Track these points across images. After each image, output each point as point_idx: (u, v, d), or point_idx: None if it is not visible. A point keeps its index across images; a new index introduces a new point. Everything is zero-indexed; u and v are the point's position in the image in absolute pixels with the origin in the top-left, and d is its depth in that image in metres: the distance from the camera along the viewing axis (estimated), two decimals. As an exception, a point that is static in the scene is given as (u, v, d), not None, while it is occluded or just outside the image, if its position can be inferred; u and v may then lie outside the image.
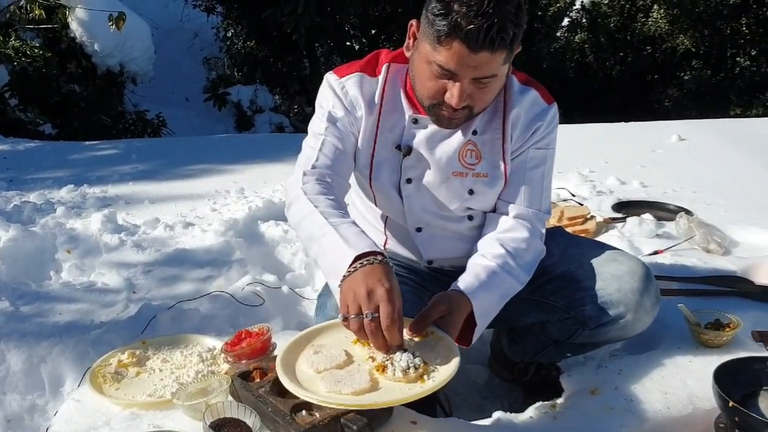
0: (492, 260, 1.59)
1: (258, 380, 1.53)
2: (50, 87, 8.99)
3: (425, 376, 1.31)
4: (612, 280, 1.69)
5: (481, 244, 1.67)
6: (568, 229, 2.68)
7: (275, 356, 1.66)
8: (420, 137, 1.64)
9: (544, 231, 1.73)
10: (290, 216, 1.58)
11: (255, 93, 11.57)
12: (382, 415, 1.45)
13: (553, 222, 3.02)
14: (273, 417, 1.39)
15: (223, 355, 1.73)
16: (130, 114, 10.23)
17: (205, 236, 3.01)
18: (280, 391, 1.49)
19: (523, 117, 1.64)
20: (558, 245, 1.79)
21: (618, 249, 1.81)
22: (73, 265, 2.70)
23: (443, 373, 1.31)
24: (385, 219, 1.80)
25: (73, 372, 1.93)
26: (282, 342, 1.77)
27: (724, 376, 1.47)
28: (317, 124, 1.67)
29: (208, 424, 1.40)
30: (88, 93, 9.37)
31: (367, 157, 1.68)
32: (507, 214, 1.70)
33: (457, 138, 1.64)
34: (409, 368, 1.31)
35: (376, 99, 1.64)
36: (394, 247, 1.83)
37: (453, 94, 1.45)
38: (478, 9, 1.34)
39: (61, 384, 1.93)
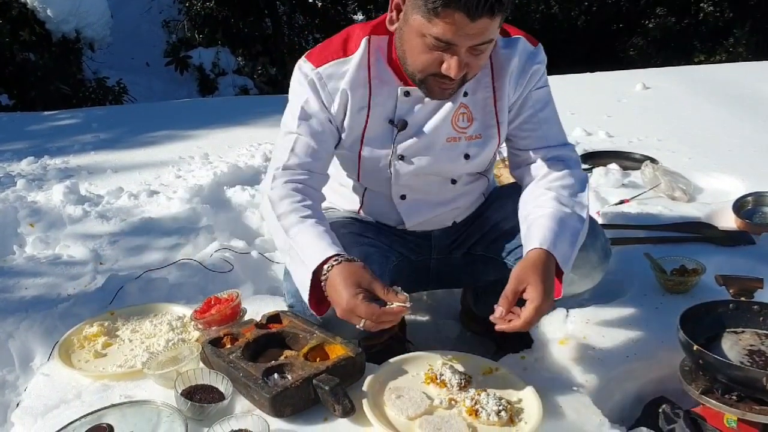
0: (549, 206, 1.55)
1: (229, 346, 1.53)
2: (3, 56, 8.69)
3: (514, 417, 1.34)
4: None
5: (529, 196, 1.64)
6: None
7: (246, 321, 1.65)
8: (413, 109, 1.59)
9: (578, 157, 1.72)
10: (266, 222, 1.59)
11: (217, 55, 11.32)
12: (354, 375, 1.46)
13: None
14: (245, 382, 1.39)
15: (193, 322, 1.72)
16: (89, 81, 9.96)
17: (171, 204, 2.96)
18: (251, 356, 1.50)
19: (517, 67, 1.60)
20: (514, 202, 1.75)
21: None
22: (37, 238, 2.64)
23: (532, 411, 1.35)
24: (364, 189, 1.77)
25: (42, 346, 1.91)
26: (252, 308, 1.77)
27: (688, 321, 1.50)
28: (289, 121, 1.61)
29: (179, 392, 1.39)
30: (44, 61, 9.07)
31: (357, 134, 1.63)
32: (542, 159, 1.67)
33: (450, 103, 1.59)
34: (500, 411, 1.33)
35: (362, 78, 1.57)
36: (369, 212, 1.80)
37: (451, 65, 1.40)
38: None
39: (31, 359, 1.90)
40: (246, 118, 5.20)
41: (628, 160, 3.35)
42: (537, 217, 1.54)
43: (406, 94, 1.58)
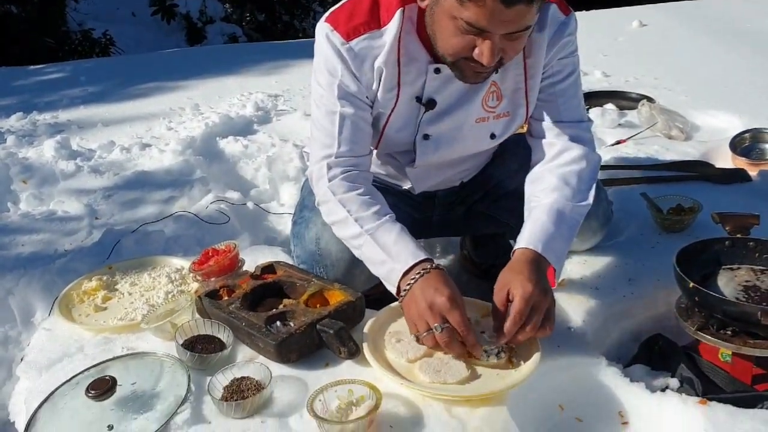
0: (551, 197, 1.48)
1: (226, 298, 1.53)
2: (-16, 10, 8.49)
3: (513, 358, 1.34)
4: None
5: (536, 177, 1.56)
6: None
7: (241, 273, 1.66)
8: (443, 88, 1.49)
9: (592, 138, 1.62)
10: (323, 214, 1.55)
11: (204, 2, 11.05)
12: (355, 319, 1.47)
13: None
14: (248, 331, 1.40)
15: (191, 274, 1.72)
16: (75, 34, 9.74)
17: (164, 156, 2.94)
18: (250, 306, 1.50)
19: (546, 39, 1.47)
20: (517, 158, 1.72)
21: None
22: (31, 194, 2.63)
23: (531, 351, 1.34)
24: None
25: (42, 302, 1.91)
26: (250, 258, 1.77)
27: (684, 259, 1.51)
28: (328, 98, 1.49)
29: (180, 343, 1.40)
30: (26, 14, 8.86)
31: (383, 112, 1.53)
32: (554, 136, 1.58)
33: (482, 84, 1.49)
34: (499, 352, 1.33)
35: (392, 57, 1.44)
36: (376, 174, 1.71)
37: (483, 52, 1.29)
38: None
39: (32, 314, 1.91)
40: (236, 66, 5.12)
41: (624, 100, 3.32)
42: (535, 207, 1.49)
43: (437, 71, 1.46)
